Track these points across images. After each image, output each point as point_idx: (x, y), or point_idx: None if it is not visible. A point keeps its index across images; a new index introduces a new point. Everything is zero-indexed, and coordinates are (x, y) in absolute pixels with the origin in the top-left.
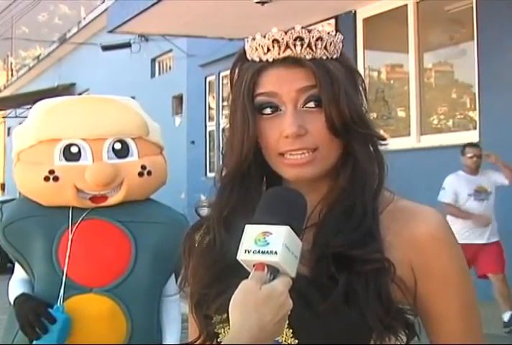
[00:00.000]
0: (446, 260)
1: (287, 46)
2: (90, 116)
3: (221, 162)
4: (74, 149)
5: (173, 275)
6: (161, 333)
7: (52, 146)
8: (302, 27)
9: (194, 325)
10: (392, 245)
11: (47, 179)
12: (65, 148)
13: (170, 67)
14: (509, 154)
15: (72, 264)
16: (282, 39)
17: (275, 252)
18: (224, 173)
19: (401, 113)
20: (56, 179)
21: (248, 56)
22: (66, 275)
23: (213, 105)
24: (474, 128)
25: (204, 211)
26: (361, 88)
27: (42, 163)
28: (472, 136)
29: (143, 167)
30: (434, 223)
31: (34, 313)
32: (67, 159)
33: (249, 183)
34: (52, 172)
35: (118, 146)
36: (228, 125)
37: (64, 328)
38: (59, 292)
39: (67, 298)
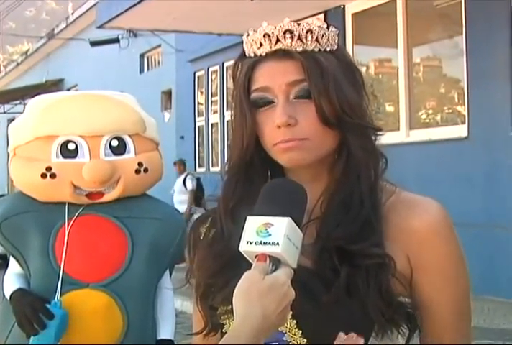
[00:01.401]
0: (442, 252)
1: (277, 39)
2: (87, 113)
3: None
4: (71, 146)
5: (168, 270)
6: (156, 326)
7: (49, 142)
8: (291, 21)
9: (198, 316)
10: (392, 237)
11: (44, 176)
12: (62, 145)
13: (158, 63)
14: (497, 148)
15: (69, 260)
16: (272, 32)
17: (277, 243)
18: (228, 166)
19: (390, 108)
20: (53, 176)
21: (246, 52)
22: (63, 271)
23: (202, 100)
24: (463, 122)
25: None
26: (359, 82)
27: (38, 159)
28: (461, 130)
29: (140, 165)
30: (433, 214)
31: (31, 308)
32: (64, 156)
33: (254, 176)
34: (49, 169)
35: (115, 143)
36: (232, 120)
37: (61, 324)
38: (55, 287)
39: (63, 293)
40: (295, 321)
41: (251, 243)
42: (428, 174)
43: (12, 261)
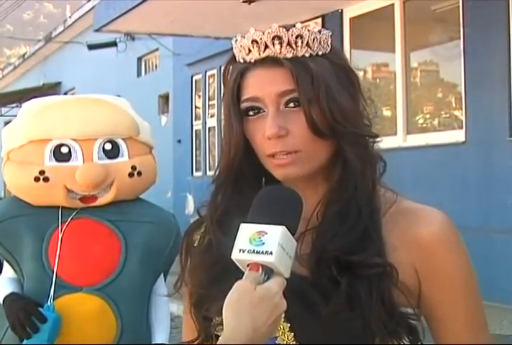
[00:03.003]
0: (450, 261)
1: (266, 46)
2: (81, 117)
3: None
4: (64, 150)
5: (162, 274)
6: (150, 331)
7: (43, 146)
8: (280, 26)
9: (189, 324)
10: (395, 247)
11: (37, 179)
12: (55, 148)
13: (156, 66)
14: (495, 153)
15: (62, 264)
16: (261, 39)
17: (271, 252)
18: (216, 174)
19: (387, 113)
20: (46, 179)
21: (236, 58)
22: (56, 274)
23: (200, 104)
24: (461, 127)
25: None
26: (355, 84)
27: (32, 163)
28: (459, 135)
29: (133, 168)
30: (437, 223)
31: (24, 312)
32: (57, 160)
33: (244, 184)
34: (42, 172)
35: (108, 146)
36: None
37: (55, 328)
38: (49, 291)
39: (57, 297)
40: (292, 334)
41: (243, 251)
42: (426, 179)
43: (6, 265)
